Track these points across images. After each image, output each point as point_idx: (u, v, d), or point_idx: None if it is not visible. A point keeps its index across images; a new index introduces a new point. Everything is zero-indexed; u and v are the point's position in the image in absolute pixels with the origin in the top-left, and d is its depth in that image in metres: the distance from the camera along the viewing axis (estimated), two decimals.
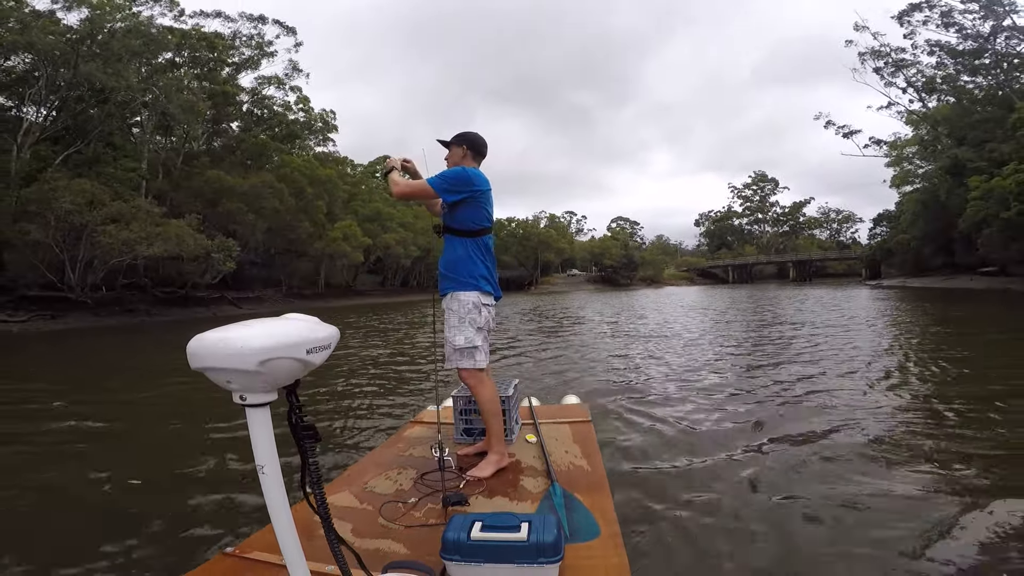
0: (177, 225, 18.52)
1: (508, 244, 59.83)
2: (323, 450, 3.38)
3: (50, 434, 4.07)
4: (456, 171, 2.22)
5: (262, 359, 0.78)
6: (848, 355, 6.61)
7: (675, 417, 3.97)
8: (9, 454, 3.62)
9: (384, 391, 5.50)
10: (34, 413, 4.83)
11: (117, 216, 17.13)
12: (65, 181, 16.81)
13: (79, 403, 5.18)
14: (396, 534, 1.62)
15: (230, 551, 1.52)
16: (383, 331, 12.78)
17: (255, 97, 35.33)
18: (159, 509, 2.58)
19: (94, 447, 3.80)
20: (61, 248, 17.29)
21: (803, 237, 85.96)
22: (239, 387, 0.82)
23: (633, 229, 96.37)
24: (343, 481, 2.09)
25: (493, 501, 1.85)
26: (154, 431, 4.24)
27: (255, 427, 0.85)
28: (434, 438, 2.52)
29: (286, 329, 0.83)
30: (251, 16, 33.59)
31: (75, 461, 3.40)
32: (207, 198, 24.77)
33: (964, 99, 29.19)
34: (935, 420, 3.68)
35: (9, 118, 21.79)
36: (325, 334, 0.89)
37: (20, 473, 3.22)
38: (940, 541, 2.04)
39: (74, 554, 2.15)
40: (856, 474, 2.69)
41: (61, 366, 9.14)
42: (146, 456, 3.58)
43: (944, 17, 28.80)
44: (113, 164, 21.60)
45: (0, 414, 4.87)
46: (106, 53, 19.99)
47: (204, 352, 0.79)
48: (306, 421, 0.89)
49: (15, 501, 2.79)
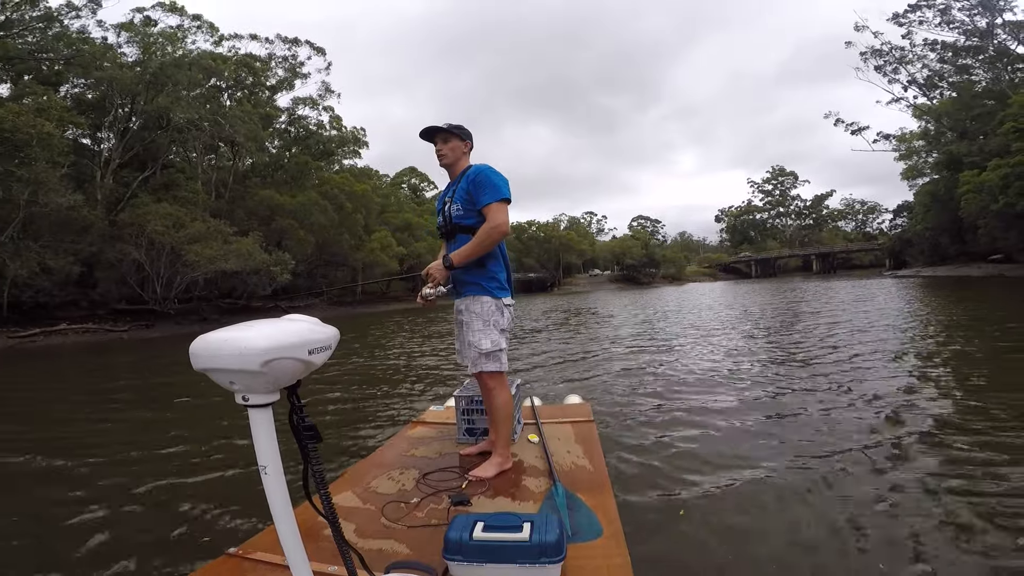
0: (247, 242, 21.08)
1: (530, 247, 61.77)
2: (324, 450, 3.34)
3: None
4: (489, 171, 2.08)
5: (265, 360, 0.78)
6: (849, 347, 6.81)
7: (678, 416, 4.04)
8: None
9: (387, 391, 5.69)
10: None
11: (197, 236, 19.72)
12: (153, 206, 19.51)
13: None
14: (398, 534, 1.62)
15: (233, 552, 1.52)
16: (410, 331, 14.02)
17: (291, 117, 38.17)
18: (161, 508, 2.71)
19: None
20: (150, 265, 19.98)
21: (827, 229, 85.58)
22: (242, 388, 0.83)
23: (654, 227, 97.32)
24: (345, 481, 2.09)
25: (495, 501, 1.86)
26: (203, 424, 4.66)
27: (257, 427, 0.86)
28: (436, 438, 2.59)
29: (288, 330, 0.84)
30: (285, 38, 36.45)
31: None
32: (261, 216, 27.43)
33: (963, 94, 30.12)
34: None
35: (88, 148, 24.83)
36: (326, 335, 0.89)
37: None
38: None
39: (76, 553, 2.25)
40: (882, 489, 2.57)
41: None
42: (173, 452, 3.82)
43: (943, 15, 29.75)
44: (184, 187, 24.39)
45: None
46: (176, 88, 22.77)
47: (207, 353, 0.80)
48: (307, 422, 0.89)
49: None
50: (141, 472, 3.34)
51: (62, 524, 2.61)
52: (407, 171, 59.99)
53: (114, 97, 23.19)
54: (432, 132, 2.16)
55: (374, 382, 6.32)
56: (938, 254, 35.06)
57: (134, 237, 19.41)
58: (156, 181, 24.31)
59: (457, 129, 2.16)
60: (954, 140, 29.59)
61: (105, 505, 2.82)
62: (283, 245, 26.93)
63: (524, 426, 2.67)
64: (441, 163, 2.17)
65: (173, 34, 28.06)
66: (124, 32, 26.40)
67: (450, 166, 2.18)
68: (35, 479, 3.47)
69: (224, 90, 31.48)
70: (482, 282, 2.12)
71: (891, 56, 34.11)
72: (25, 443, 4.29)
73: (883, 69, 34.70)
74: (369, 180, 43.38)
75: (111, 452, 3.89)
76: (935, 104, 33.35)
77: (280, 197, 27.63)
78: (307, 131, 38.44)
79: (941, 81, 32.48)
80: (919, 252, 38.26)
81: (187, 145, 27.75)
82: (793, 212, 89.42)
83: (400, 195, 53.26)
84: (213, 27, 31.24)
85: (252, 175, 32.25)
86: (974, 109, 28.81)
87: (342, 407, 4.96)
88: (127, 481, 3.20)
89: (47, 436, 4.57)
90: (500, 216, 2.01)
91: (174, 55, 25.54)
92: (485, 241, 2.02)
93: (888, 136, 38.09)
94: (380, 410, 4.82)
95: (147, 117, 24.37)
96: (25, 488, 3.33)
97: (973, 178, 23.21)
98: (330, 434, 3.97)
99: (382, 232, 36.86)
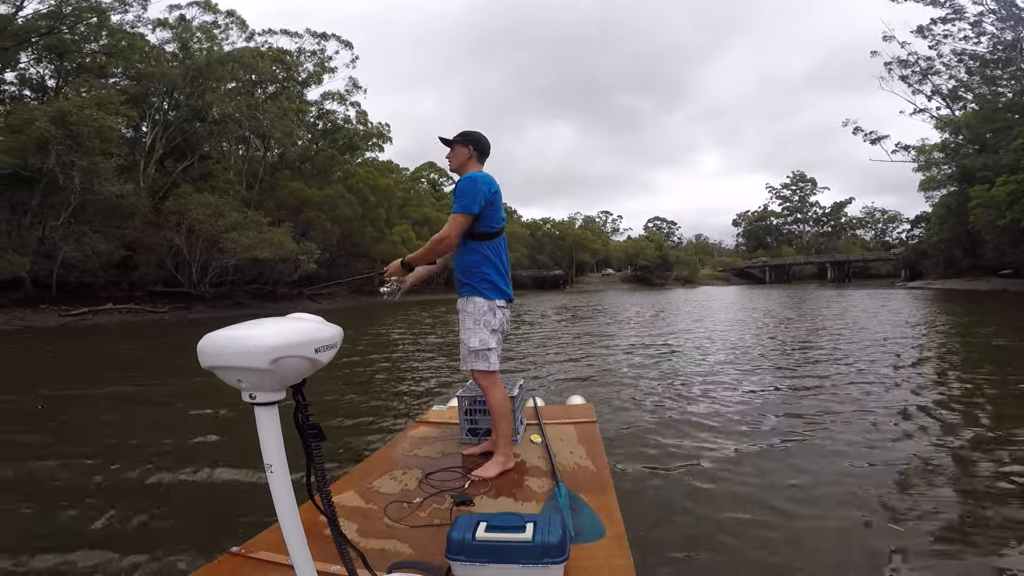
0: (279, 232, 22.30)
1: (544, 244, 62.59)
2: (328, 449, 3.24)
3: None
4: (465, 181, 2.15)
5: (274, 358, 0.79)
6: (851, 351, 7.42)
7: (681, 418, 4.07)
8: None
9: (389, 390, 5.77)
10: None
11: (234, 225, 20.97)
12: (195, 196, 20.81)
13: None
14: (401, 534, 1.63)
15: (236, 551, 1.52)
16: (418, 323, 15.28)
17: (319, 111, 39.35)
18: (163, 508, 2.69)
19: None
20: (188, 251, 21.28)
21: (845, 237, 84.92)
22: (249, 386, 0.83)
23: (670, 229, 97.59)
24: (348, 481, 2.10)
25: (498, 501, 1.87)
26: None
27: (264, 426, 0.86)
28: (439, 438, 2.59)
29: (295, 328, 0.85)
30: (314, 32, 37.49)
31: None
32: (289, 207, 28.66)
33: (985, 107, 30.24)
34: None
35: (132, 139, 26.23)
36: (331, 333, 0.90)
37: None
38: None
39: (77, 553, 2.23)
40: (887, 493, 2.61)
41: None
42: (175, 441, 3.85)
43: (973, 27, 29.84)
44: (221, 178, 25.73)
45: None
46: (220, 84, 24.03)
47: (216, 351, 0.81)
48: (311, 421, 0.90)
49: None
50: (143, 466, 3.34)
51: (61, 521, 2.60)
52: (426, 166, 61.10)
53: (160, 91, 24.49)
54: (444, 142, 2.36)
55: (376, 381, 6.34)
56: (952, 267, 35.27)
57: (175, 224, 20.70)
58: (195, 171, 25.63)
59: (461, 137, 2.31)
60: (972, 153, 29.75)
61: (106, 498, 2.83)
62: (309, 235, 28.16)
63: (527, 427, 2.71)
64: (450, 168, 2.35)
65: (209, 30, 29.39)
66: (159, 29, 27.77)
67: (456, 171, 2.34)
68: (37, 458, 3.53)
69: (257, 84, 32.75)
70: (475, 283, 2.22)
71: (917, 66, 34.21)
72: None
73: (908, 79, 34.83)
74: (391, 174, 44.51)
75: (120, 444, 3.93)
76: (958, 116, 33.51)
77: (308, 189, 28.84)
78: (334, 125, 39.68)
79: (967, 93, 32.52)
80: (933, 264, 38.45)
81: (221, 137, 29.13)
82: (811, 219, 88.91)
83: (420, 189, 54.39)
84: (243, 23, 32.48)
85: (281, 167, 33.51)
86: (995, 122, 29.02)
87: (343, 406, 4.97)
88: (127, 475, 3.21)
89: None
90: (448, 228, 2.12)
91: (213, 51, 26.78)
92: (431, 247, 2.16)
93: (907, 147, 38.20)
94: (382, 409, 4.84)
95: (188, 110, 25.73)
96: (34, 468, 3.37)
97: (983, 193, 23.62)
98: (332, 433, 3.93)
99: (403, 225, 38.03)
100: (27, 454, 3.60)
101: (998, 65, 29.30)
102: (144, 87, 24.56)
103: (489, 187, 2.15)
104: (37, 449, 3.74)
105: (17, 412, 5.01)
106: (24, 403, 5.36)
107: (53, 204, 18.42)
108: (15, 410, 5.11)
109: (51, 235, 18.57)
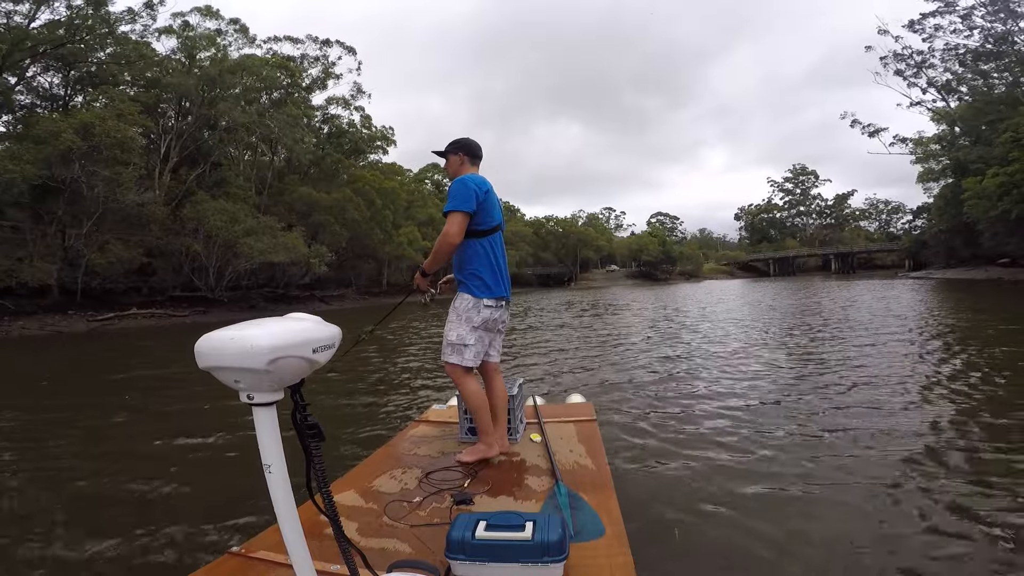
0: (292, 236, 23.06)
1: (548, 242, 63.16)
2: (326, 449, 3.90)
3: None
4: (455, 184, 2.25)
5: (272, 358, 0.79)
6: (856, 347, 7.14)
7: (682, 416, 4.07)
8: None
9: (389, 389, 5.74)
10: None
11: (249, 230, 21.73)
12: (212, 202, 21.57)
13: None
14: (401, 533, 1.63)
15: (236, 550, 1.53)
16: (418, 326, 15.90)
17: (324, 116, 40.07)
18: (165, 507, 2.70)
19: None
20: (206, 257, 22.05)
21: (849, 229, 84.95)
22: (247, 386, 0.83)
23: (673, 224, 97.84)
24: (348, 480, 2.11)
25: (498, 500, 1.88)
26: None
27: (262, 426, 0.86)
28: (439, 437, 2.60)
29: (293, 328, 0.84)
30: (317, 39, 38.11)
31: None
32: (299, 211, 29.41)
33: (979, 99, 30.59)
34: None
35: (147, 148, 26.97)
36: (329, 333, 0.90)
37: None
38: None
39: (77, 552, 2.25)
40: (893, 505, 2.53)
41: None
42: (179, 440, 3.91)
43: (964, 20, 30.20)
44: (233, 184, 26.49)
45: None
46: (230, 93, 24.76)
47: (213, 352, 0.80)
48: (311, 420, 0.89)
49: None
50: (144, 466, 3.37)
51: (61, 520, 2.63)
52: (430, 167, 61.69)
53: (173, 100, 25.22)
54: (437, 154, 2.51)
55: (375, 381, 6.33)
56: (953, 256, 35.63)
57: (192, 231, 21.48)
58: (208, 179, 26.40)
59: (452, 146, 2.44)
60: (967, 145, 30.15)
61: (107, 497, 2.86)
62: (319, 238, 28.89)
63: (527, 425, 2.71)
64: (448, 176, 2.46)
65: (213, 37, 30.04)
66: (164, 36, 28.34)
67: (453, 177, 2.41)
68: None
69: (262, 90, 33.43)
70: (466, 280, 2.29)
71: (911, 60, 34.58)
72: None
73: (903, 73, 35.16)
74: (396, 177, 45.19)
75: (118, 444, 4.01)
76: (953, 109, 33.84)
77: (317, 194, 29.59)
78: (339, 130, 40.37)
79: (960, 85, 32.91)
80: (935, 254, 38.80)
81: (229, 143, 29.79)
82: (814, 211, 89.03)
83: (424, 190, 55.05)
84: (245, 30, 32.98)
85: (288, 172, 34.26)
86: (988, 115, 29.38)
87: (343, 405, 4.96)
88: (127, 476, 3.23)
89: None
90: (448, 226, 2.19)
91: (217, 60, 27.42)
92: (437, 249, 2.22)
93: (905, 140, 38.55)
94: (382, 409, 4.82)
95: (199, 118, 26.46)
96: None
97: (975, 184, 24.04)
98: (332, 432, 3.91)
99: (409, 227, 38.71)
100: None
101: (990, 58, 29.65)
102: (155, 96, 25.33)
103: (479, 187, 2.24)
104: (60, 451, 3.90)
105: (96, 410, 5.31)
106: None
107: (76, 213, 19.18)
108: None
109: (75, 243, 19.37)
